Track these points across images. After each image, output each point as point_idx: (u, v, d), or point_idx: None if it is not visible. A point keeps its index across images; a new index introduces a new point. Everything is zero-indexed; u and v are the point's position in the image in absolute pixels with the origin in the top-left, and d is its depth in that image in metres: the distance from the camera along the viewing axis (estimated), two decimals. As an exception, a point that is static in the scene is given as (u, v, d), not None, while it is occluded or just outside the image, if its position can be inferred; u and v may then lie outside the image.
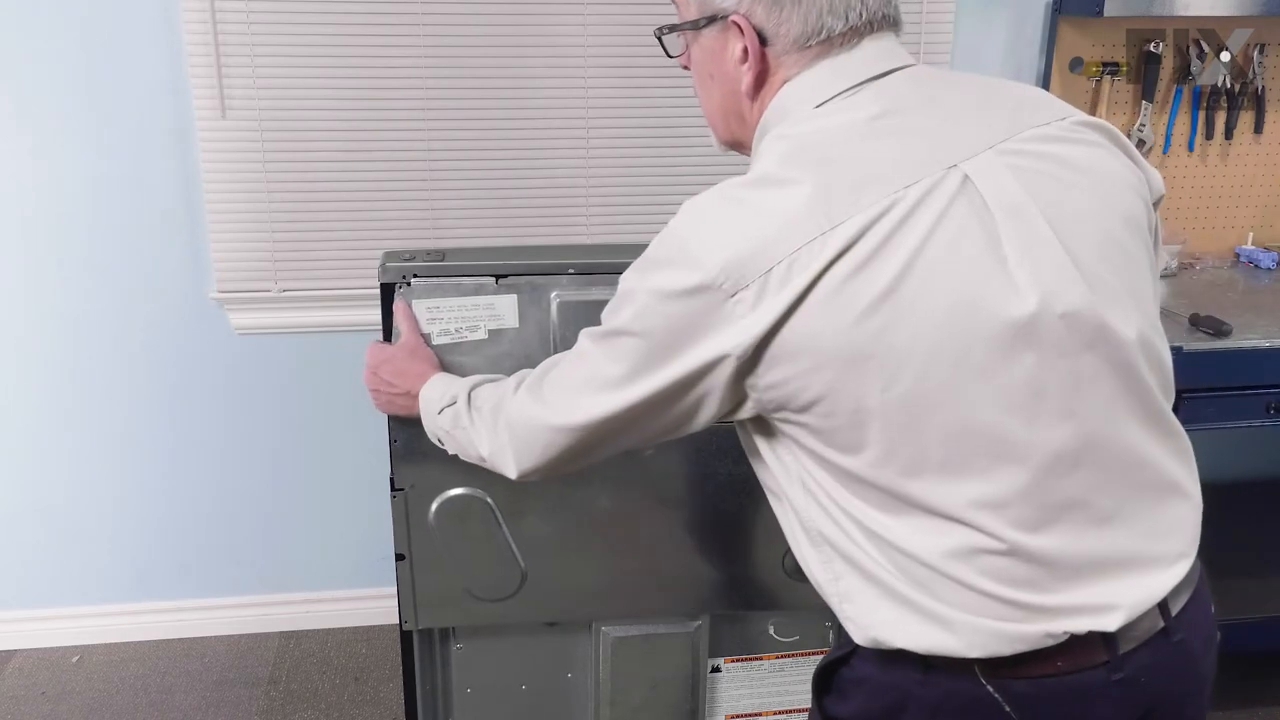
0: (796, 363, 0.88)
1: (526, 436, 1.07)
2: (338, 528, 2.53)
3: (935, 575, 0.91)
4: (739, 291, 0.87)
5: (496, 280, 1.40)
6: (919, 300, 0.85)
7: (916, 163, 0.89)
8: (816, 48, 0.95)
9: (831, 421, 0.89)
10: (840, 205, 0.86)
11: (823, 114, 0.94)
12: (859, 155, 0.90)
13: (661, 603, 1.58)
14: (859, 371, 0.87)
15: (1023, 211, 0.88)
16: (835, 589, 0.98)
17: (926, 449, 0.88)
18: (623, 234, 2.40)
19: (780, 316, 0.86)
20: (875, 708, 1.01)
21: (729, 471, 1.51)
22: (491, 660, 1.62)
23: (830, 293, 0.85)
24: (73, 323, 2.31)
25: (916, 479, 0.89)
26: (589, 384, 1.00)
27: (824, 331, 0.86)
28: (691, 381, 0.93)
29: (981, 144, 0.91)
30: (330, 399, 2.43)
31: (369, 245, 2.30)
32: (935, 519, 0.90)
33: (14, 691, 2.35)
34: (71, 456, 2.40)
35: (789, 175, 0.90)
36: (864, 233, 0.86)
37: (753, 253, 0.87)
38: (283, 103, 2.22)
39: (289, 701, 2.33)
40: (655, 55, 2.37)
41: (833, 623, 1.69)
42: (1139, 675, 0.94)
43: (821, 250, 0.85)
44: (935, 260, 0.86)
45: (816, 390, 0.88)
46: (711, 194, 0.93)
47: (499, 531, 1.49)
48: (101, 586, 2.50)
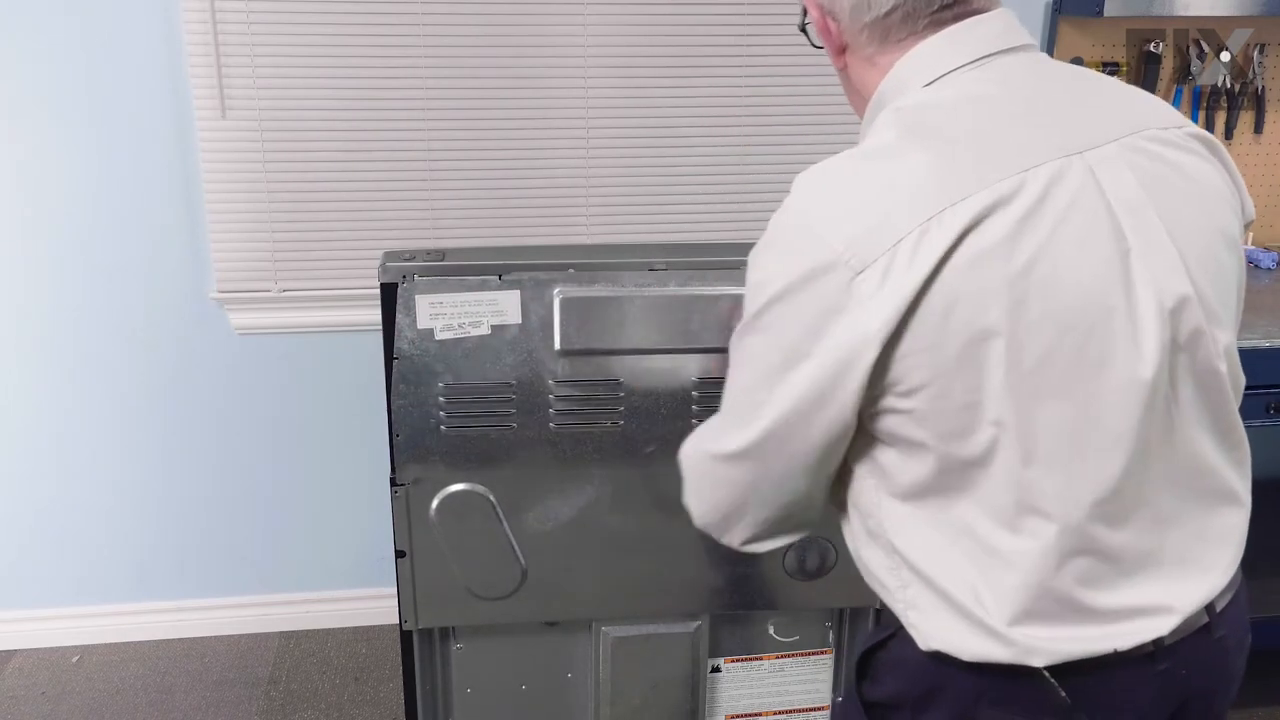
0: (920, 340, 0.85)
1: (694, 473, 1.02)
2: (337, 528, 2.52)
3: (1012, 574, 0.90)
4: (865, 269, 0.84)
5: (499, 277, 1.40)
6: (1048, 287, 0.84)
7: (1040, 146, 0.88)
8: (880, 24, 0.95)
9: (941, 404, 0.87)
10: (967, 179, 0.85)
11: (938, 88, 0.93)
12: (980, 131, 0.89)
13: (661, 603, 1.58)
14: (983, 350, 0.85)
15: (1141, 211, 0.89)
16: (903, 596, 0.97)
17: (1036, 437, 0.87)
18: (623, 234, 2.40)
19: (915, 292, 0.83)
20: (912, 691, 1.00)
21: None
22: (491, 660, 1.62)
23: (963, 268, 0.83)
24: (72, 322, 2.31)
25: (1023, 469, 0.88)
26: (730, 408, 0.95)
27: (952, 308, 0.84)
28: (834, 378, 0.87)
29: (1103, 136, 0.90)
30: (330, 399, 2.43)
31: (369, 245, 2.30)
32: (1029, 515, 0.89)
33: (14, 691, 2.35)
34: (71, 456, 2.40)
35: (907, 146, 0.88)
36: (993, 210, 0.84)
37: (878, 225, 0.84)
38: (283, 103, 2.22)
39: (289, 701, 2.33)
40: (655, 55, 2.38)
41: (832, 622, 1.69)
42: (1180, 668, 0.95)
43: (952, 222, 0.83)
44: (1065, 249, 0.85)
45: (933, 368, 0.86)
46: (826, 167, 0.91)
47: (500, 528, 1.49)
48: (101, 586, 2.50)
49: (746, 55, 2.34)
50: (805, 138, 2.41)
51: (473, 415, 1.44)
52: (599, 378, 1.45)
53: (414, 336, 1.40)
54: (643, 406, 1.46)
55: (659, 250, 1.49)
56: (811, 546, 1.56)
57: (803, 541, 1.55)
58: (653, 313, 1.43)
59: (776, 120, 2.39)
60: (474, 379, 1.43)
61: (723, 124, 2.37)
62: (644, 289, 1.43)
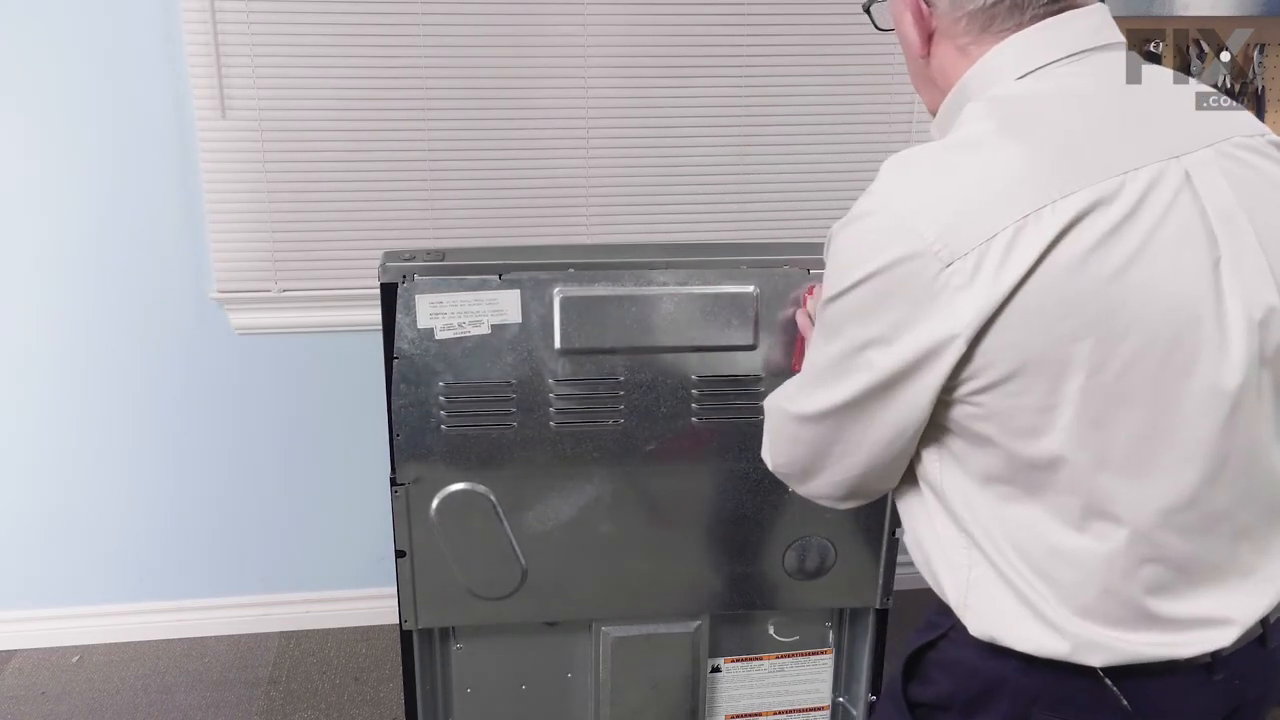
0: (1005, 336, 0.83)
1: (773, 424, 1.05)
2: (337, 528, 2.52)
3: (1076, 572, 0.89)
4: (955, 261, 0.82)
5: (499, 277, 1.40)
6: (1141, 293, 0.83)
7: (1140, 147, 0.87)
8: (984, 12, 0.93)
9: (1018, 402, 0.85)
10: (1068, 176, 0.83)
11: (1033, 81, 0.91)
12: (1080, 128, 0.88)
13: (661, 603, 1.58)
14: (1069, 352, 0.83)
15: (1234, 219, 0.88)
16: (967, 576, 0.95)
17: (1111, 443, 0.86)
18: (623, 234, 2.40)
19: (1008, 291, 0.81)
20: (963, 692, 0.99)
21: (729, 469, 1.51)
22: (491, 660, 1.62)
23: (1060, 268, 0.82)
24: (72, 322, 2.31)
25: (1095, 474, 0.87)
26: (810, 371, 0.96)
27: (1045, 307, 0.82)
28: (914, 366, 0.86)
29: (1198, 140, 0.89)
30: (330, 399, 2.43)
31: (369, 245, 2.30)
32: (1098, 519, 0.88)
33: (14, 691, 2.35)
34: (71, 456, 2.40)
35: (1004, 138, 0.87)
36: (1092, 210, 0.82)
37: (972, 216, 0.83)
38: (283, 103, 2.22)
39: (289, 701, 2.33)
40: (655, 55, 2.38)
41: (832, 622, 1.69)
42: (1234, 678, 0.94)
43: (1051, 220, 0.82)
44: (1160, 255, 0.84)
45: (1014, 365, 0.84)
46: (918, 153, 0.89)
47: (500, 528, 1.49)
48: (102, 586, 2.50)
49: (746, 55, 2.34)
50: (804, 138, 2.41)
51: (473, 414, 1.44)
52: (599, 377, 1.45)
53: (414, 336, 1.40)
54: (643, 405, 1.47)
55: (659, 250, 1.49)
56: (811, 546, 1.56)
57: (803, 541, 1.55)
58: (653, 312, 1.43)
59: (775, 120, 2.39)
60: (474, 378, 1.43)
61: (722, 124, 2.37)
62: (644, 288, 1.43)
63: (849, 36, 2.36)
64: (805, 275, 1.44)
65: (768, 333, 1.45)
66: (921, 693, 1.04)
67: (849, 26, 2.35)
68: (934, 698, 1.02)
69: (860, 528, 1.58)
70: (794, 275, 1.44)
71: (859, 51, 2.37)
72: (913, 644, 1.05)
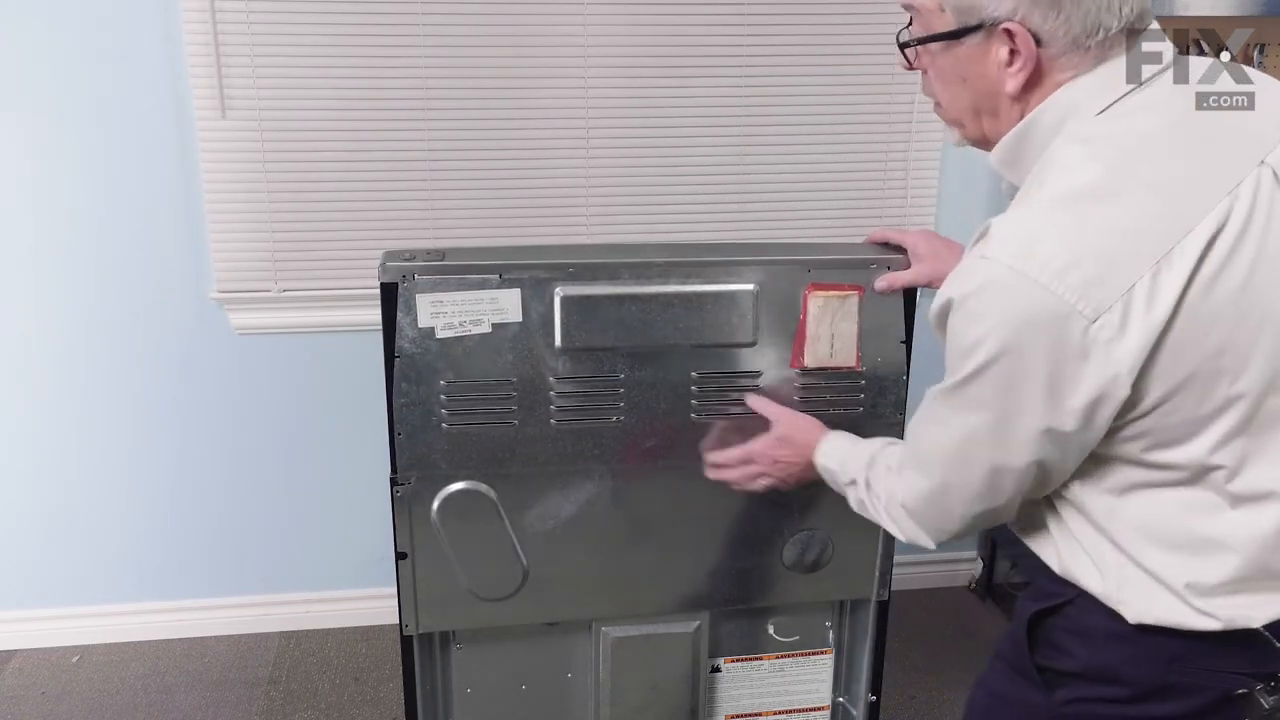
0: (1158, 366, 0.88)
1: (937, 514, 1.07)
2: (337, 528, 2.52)
3: (1227, 555, 0.94)
4: (1101, 315, 0.85)
5: (500, 277, 1.40)
6: (1263, 294, 0.89)
7: (1234, 161, 0.91)
8: (1095, 50, 0.93)
9: (1165, 420, 0.90)
10: (1189, 210, 0.87)
11: (1121, 115, 0.93)
12: (1181, 157, 0.91)
13: (661, 599, 1.58)
14: (1213, 367, 0.88)
15: None
16: (1118, 575, 0.99)
17: (1259, 433, 0.92)
18: (623, 234, 2.40)
19: (1159, 330, 0.86)
20: (1099, 660, 1.02)
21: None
22: (491, 661, 1.62)
23: (1198, 296, 0.87)
24: (72, 322, 2.31)
25: (1243, 465, 0.92)
26: (967, 442, 0.98)
27: (1189, 333, 0.87)
28: (1084, 418, 0.90)
29: (1271, 139, 0.93)
30: (330, 399, 2.43)
31: (369, 245, 2.30)
32: (1246, 503, 0.93)
33: (14, 691, 2.34)
34: (71, 456, 2.40)
35: (1117, 183, 0.89)
36: (1218, 234, 0.87)
37: (1110, 269, 0.86)
38: (283, 103, 2.22)
39: (289, 701, 2.33)
40: (655, 55, 2.37)
41: (832, 622, 1.69)
42: None
43: (1181, 260, 0.86)
44: (1274, 255, 0.89)
45: (1165, 391, 0.89)
46: (1031, 211, 0.91)
47: (501, 527, 1.49)
48: (102, 586, 2.50)
49: (745, 56, 2.34)
50: (804, 138, 2.41)
51: (474, 413, 1.44)
52: (600, 375, 1.45)
53: (415, 335, 1.40)
54: (643, 403, 1.47)
55: (659, 250, 1.49)
56: (811, 540, 1.56)
57: (802, 535, 1.55)
58: (653, 310, 1.43)
59: (775, 120, 2.39)
60: (475, 377, 1.43)
61: (722, 124, 2.38)
62: (644, 286, 1.43)
63: (849, 36, 2.36)
64: (805, 274, 1.44)
65: (767, 329, 1.46)
66: (1059, 661, 1.06)
67: (849, 26, 2.36)
68: (1073, 667, 1.04)
69: (858, 520, 1.58)
70: (794, 273, 1.44)
71: (859, 51, 2.37)
72: (1029, 609, 1.07)
